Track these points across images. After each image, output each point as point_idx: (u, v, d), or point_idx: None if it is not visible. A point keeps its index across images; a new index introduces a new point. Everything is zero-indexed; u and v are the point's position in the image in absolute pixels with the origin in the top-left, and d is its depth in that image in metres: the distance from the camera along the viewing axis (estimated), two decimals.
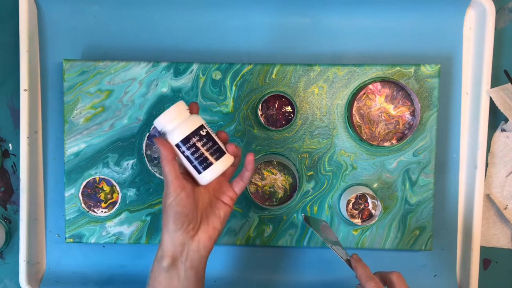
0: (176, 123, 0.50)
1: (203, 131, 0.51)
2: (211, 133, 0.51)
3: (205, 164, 0.50)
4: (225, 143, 0.53)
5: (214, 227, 0.52)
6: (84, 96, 0.66)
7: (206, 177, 0.51)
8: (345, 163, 0.66)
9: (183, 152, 0.50)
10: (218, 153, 0.51)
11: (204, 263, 0.52)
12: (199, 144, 0.50)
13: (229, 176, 0.56)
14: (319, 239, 0.67)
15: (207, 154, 0.50)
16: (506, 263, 0.71)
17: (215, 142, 0.51)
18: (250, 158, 0.53)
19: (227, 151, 0.52)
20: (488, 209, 0.70)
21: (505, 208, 0.69)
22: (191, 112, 0.52)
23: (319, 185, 0.67)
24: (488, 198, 0.70)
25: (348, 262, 0.56)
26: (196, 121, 0.51)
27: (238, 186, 0.55)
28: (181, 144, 0.50)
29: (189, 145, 0.50)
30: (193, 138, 0.50)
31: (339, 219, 0.67)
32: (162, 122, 0.50)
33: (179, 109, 0.50)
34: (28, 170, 0.67)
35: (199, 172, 0.50)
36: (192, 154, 0.50)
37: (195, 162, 0.50)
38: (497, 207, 0.69)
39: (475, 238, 0.67)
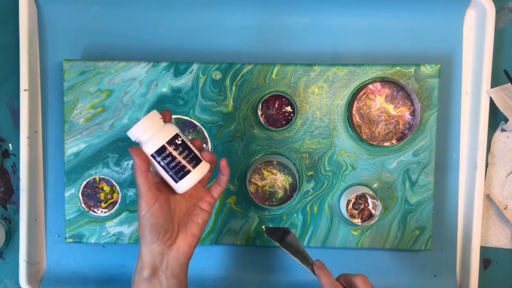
0: (150, 133, 0.49)
1: (178, 140, 0.50)
2: (186, 141, 0.51)
3: (182, 172, 0.50)
4: (200, 151, 0.53)
5: (193, 234, 0.52)
6: (84, 96, 0.66)
7: (183, 185, 0.50)
8: (345, 163, 0.66)
9: (158, 162, 0.49)
10: (195, 161, 0.50)
11: (185, 270, 0.52)
12: (175, 153, 0.49)
13: (205, 182, 0.56)
14: (319, 239, 0.67)
15: (184, 162, 0.50)
16: (506, 263, 0.71)
17: (191, 150, 0.51)
18: (223, 163, 0.54)
19: (203, 159, 0.52)
20: (488, 209, 0.70)
21: (505, 208, 0.69)
22: (165, 121, 0.51)
23: (319, 185, 0.67)
24: (488, 198, 0.70)
25: (313, 270, 0.55)
26: (171, 130, 0.50)
27: (216, 191, 0.55)
28: (156, 155, 0.49)
29: (164, 155, 0.49)
30: (169, 148, 0.49)
31: (339, 219, 0.67)
32: (136, 133, 0.49)
33: (152, 119, 0.49)
34: (28, 170, 0.67)
35: (176, 181, 0.50)
36: (168, 163, 0.49)
37: (171, 172, 0.50)
38: (497, 207, 0.69)
39: (475, 238, 0.67)
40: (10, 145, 0.70)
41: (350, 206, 0.66)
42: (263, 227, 0.65)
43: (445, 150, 0.69)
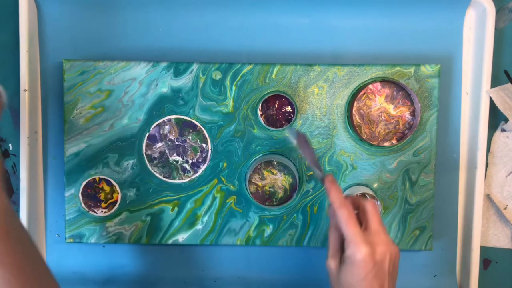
0: None
1: None
2: None
3: None
4: None
5: None
6: (84, 96, 0.66)
7: None
8: (345, 163, 0.66)
9: None
10: None
11: None
12: None
13: None
14: (319, 239, 0.67)
15: None
16: (506, 263, 0.71)
17: None
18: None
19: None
20: (488, 209, 0.70)
21: (505, 208, 0.69)
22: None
23: (319, 185, 0.67)
24: (488, 198, 0.70)
25: (323, 181, 0.54)
26: None
27: None
28: None
29: None
30: None
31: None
32: None
33: None
34: (28, 170, 0.67)
35: None
36: None
37: None
38: (497, 207, 0.69)
39: (475, 238, 0.67)
40: (10, 145, 0.70)
41: None
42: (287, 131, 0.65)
43: (445, 150, 0.69)
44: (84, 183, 0.67)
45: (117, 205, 0.67)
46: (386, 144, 0.65)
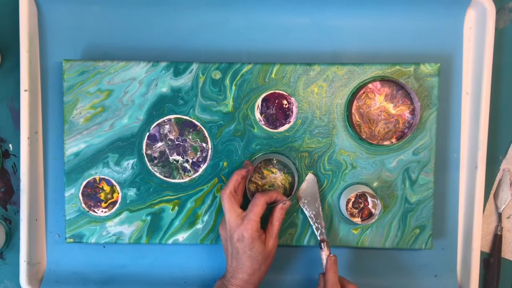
0: None
1: None
2: None
3: None
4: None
5: None
6: (84, 96, 0.66)
7: None
8: (345, 162, 0.66)
9: None
10: None
11: None
12: None
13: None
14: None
15: None
16: (506, 263, 0.71)
17: None
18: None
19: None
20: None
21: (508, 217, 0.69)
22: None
23: (319, 184, 0.66)
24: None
25: (321, 243, 0.63)
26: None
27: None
28: None
29: None
30: None
31: (339, 218, 0.67)
32: None
33: None
34: (28, 170, 0.67)
35: None
36: None
37: None
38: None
39: (476, 238, 0.67)
40: (10, 145, 0.70)
41: (350, 205, 0.66)
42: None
43: (445, 149, 0.69)
44: (84, 183, 0.67)
45: (117, 205, 0.67)
46: (385, 143, 0.65)
